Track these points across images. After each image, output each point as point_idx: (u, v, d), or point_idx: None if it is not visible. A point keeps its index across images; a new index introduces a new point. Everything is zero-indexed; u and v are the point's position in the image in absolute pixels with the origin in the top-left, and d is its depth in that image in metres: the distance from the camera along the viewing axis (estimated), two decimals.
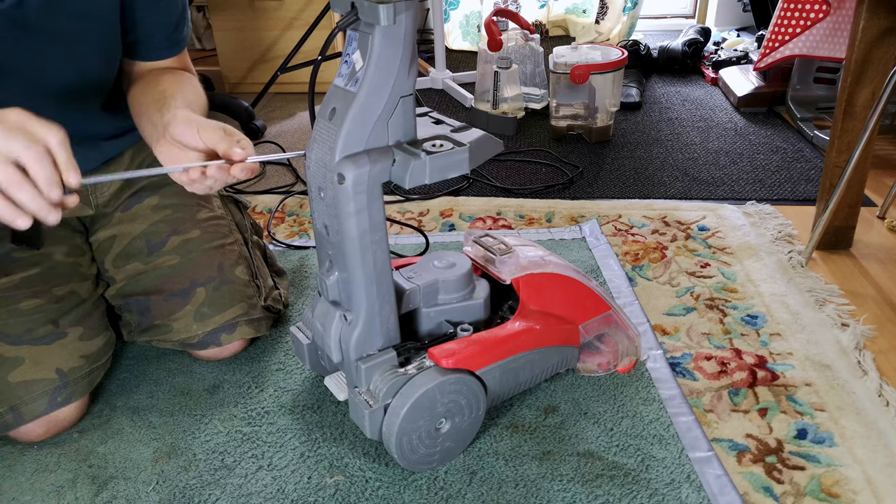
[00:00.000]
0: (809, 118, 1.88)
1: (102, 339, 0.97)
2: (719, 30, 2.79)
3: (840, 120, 1.21)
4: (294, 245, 1.37)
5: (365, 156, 0.72)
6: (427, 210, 1.51)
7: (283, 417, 0.93)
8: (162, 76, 0.99)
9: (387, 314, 0.81)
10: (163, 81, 0.96)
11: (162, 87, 0.94)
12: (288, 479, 0.84)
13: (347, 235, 0.75)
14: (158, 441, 0.90)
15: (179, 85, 0.96)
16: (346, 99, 0.72)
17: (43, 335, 0.90)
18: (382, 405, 0.79)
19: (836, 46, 1.61)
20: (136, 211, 1.04)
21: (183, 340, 1.00)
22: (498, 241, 0.97)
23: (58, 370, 0.89)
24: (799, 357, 1.02)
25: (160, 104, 0.89)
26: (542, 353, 0.90)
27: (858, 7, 1.13)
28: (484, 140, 0.79)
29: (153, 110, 0.89)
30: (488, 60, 1.96)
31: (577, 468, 0.84)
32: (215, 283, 1.00)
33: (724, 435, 0.88)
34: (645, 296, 1.17)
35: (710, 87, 2.28)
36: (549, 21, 2.86)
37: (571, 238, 1.37)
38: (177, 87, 0.95)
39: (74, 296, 0.96)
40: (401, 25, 0.69)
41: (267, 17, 2.24)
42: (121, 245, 1.03)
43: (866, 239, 1.33)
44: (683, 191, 1.57)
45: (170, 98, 0.90)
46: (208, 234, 1.04)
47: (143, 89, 0.96)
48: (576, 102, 1.85)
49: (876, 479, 0.82)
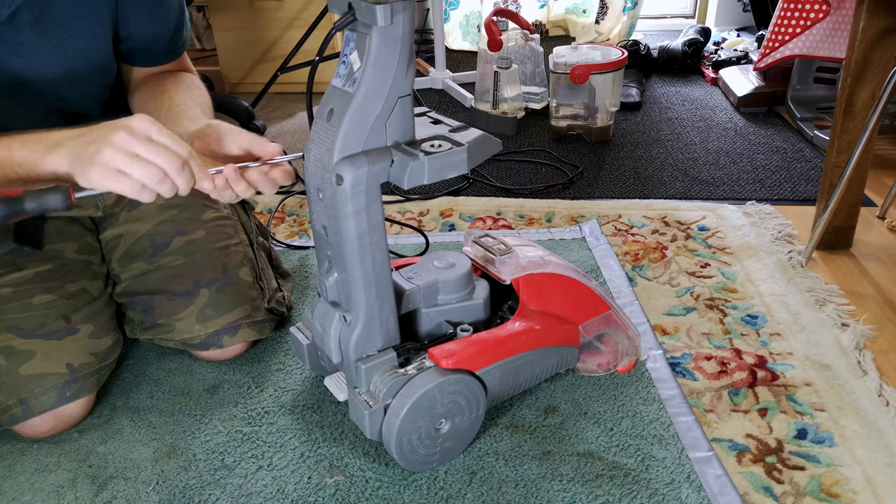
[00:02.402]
0: (809, 118, 1.88)
1: (111, 339, 0.97)
2: (719, 30, 2.79)
3: (840, 120, 1.21)
4: (294, 245, 1.37)
5: (363, 157, 0.72)
6: (427, 210, 1.51)
7: (283, 417, 0.93)
8: (165, 80, 0.99)
9: (386, 315, 0.81)
10: (168, 87, 0.96)
11: (169, 94, 0.94)
12: (288, 480, 0.84)
13: (346, 236, 0.75)
14: (158, 441, 0.90)
15: (186, 90, 0.96)
16: (343, 100, 0.72)
17: (55, 330, 0.91)
18: (382, 406, 0.79)
19: (836, 46, 1.60)
20: (142, 210, 1.04)
21: (185, 341, 1.00)
22: (498, 242, 0.97)
23: (68, 365, 0.90)
24: (799, 357, 1.01)
25: (175, 115, 0.89)
26: (542, 353, 0.90)
27: (858, 7, 1.13)
28: (482, 140, 0.79)
29: (167, 121, 0.88)
30: (488, 60, 1.96)
31: (577, 468, 0.84)
32: (219, 284, 1.00)
33: (724, 435, 0.88)
34: (645, 296, 1.17)
35: (710, 87, 2.28)
36: (549, 21, 2.86)
37: (571, 238, 1.37)
38: (185, 93, 0.94)
39: (86, 293, 0.97)
40: (398, 26, 0.68)
41: (267, 17, 2.24)
42: (126, 244, 1.03)
43: (866, 239, 1.33)
44: (683, 191, 1.57)
45: (182, 106, 0.90)
46: (213, 234, 1.04)
47: (149, 96, 0.96)
48: (576, 102, 1.85)
49: (876, 479, 0.81)
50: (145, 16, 0.94)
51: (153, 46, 1.00)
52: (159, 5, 0.95)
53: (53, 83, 0.91)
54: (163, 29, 0.98)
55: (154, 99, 0.95)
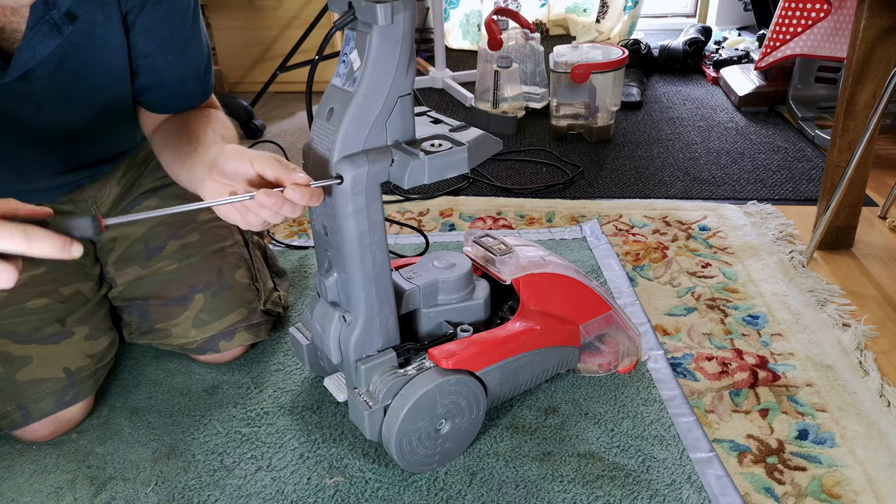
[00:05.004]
0: (811, 117, 1.87)
1: (107, 339, 0.97)
2: (720, 29, 2.79)
3: (841, 119, 1.21)
4: (294, 245, 1.37)
5: (363, 156, 0.72)
6: (427, 210, 1.50)
7: (283, 418, 0.93)
8: (188, 117, 0.93)
9: (386, 315, 0.81)
10: (191, 122, 0.90)
11: (192, 128, 0.88)
12: (287, 480, 0.83)
13: (346, 236, 0.75)
14: (157, 442, 0.90)
15: (211, 124, 0.89)
16: (343, 99, 0.71)
17: (50, 334, 0.90)
18: (382, 406, 0.79)
19: (838, 46, 1.60)
20: (135, 213, 1.03)
21: (182, 345, 1.00)
22: (498, 241, 0.96)
23: (65, 369, 0.90)
24: (800, 357, 1.01)
25: (196, 144, 0.83)
26: (542, 353, 0.90)
27: (859, 6, 1.12)
28: (483, 139, 0.79)
29: (189, 151, 0.83)
30: (488, 59, 1.95)
31: (578, 469, 0.83)
32: (214, 288, 0.99)
33: (725, 435, 0.88)
34: (646, 296, 1.17)
35: (711, 86, 2.28)
36: (549, 20, 2.86)
37: (572, 238, 1.37)
38: (208, 126, 0.88)
39: (80, 295, 0.97)
40: (399, 25, 0.68)
41: (266, 17, 2.23)
42: (121, 247, 1.02)
43: (867, 239, 1.33)
44: (684, 190, 1.57)
45: (203, 136, 0.84)
46: (208, 237, 1.03)
47: (172, 133, 0.90)
48: (576, 102, 1.85)
49: (877, 479, 0.81)
50: (173, 61, 0.90)
51: (184, 90, 0.94)
52: (185, 46, 0.90)
53: (71, 130, 0.89)
54: (191, 70, 0.93)
55: (177, 132, 0.90)
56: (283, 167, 0.69)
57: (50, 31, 0.76)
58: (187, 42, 0.90)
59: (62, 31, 0.77)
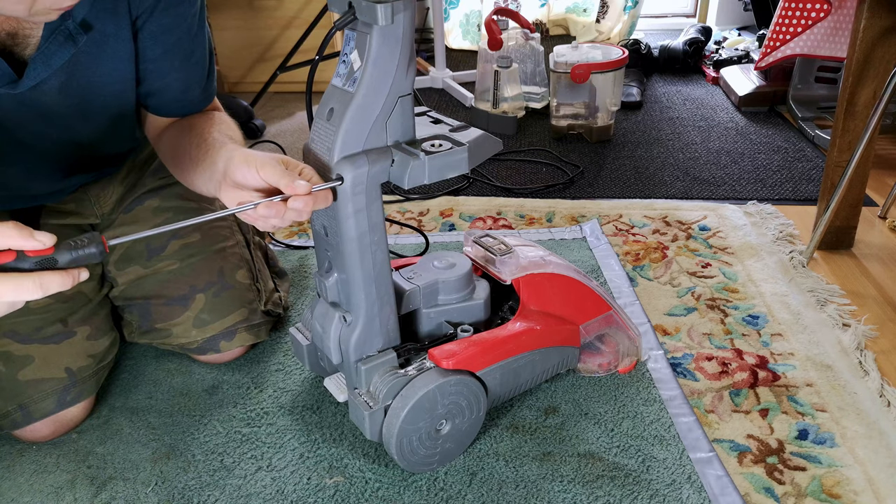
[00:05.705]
0: (811, 117, 1.87)
1: (108, 339, 0.97)
2: (720, 29, 2.79)
3: (841, 119, 1.21)
4: (294, 245, 1.37)
5: (363, 156, 0.72)
6: (427, 210, 1.50)
7: (283, 418, 0.93)
8: (193, 120, 0.93)
9: (386, 315, 0.81)
10: (197, 125, 0.90)
11: (199, 131, 0.88)
12: (287, 480, 0.83)
13: (346, 236, 0.75)
14: (157, 442, 0.90)
15: (217, 125, 0.89)
16: (343, 99, 0.71)
17: (52, 334, 0.90)
18: (382, 406, 0.79)
19: (838, 46, 1.60)
20: (137, 213, 1.03)
21: (182, 345, 1.00)
22: (498, 242, 0.96)
23: (67, 369, 0.90)
24: (800, 357, 1.01)
25: (206, 147, 0.82)
26: (542, 353, 0.90)
27: (859, 6, 1.12)
28: (483, 139, 0.79)
29: (199, 155, 0.82)
30: (488, 59, 1.95)
31: (578, 469, 0.83)
32: (215, 288, 1.00)
33: (725, 435, 0.88)
34: (646, 296, 1.17)
35: (711, 86, 2.28)
36: (549, 20, 2.86)
37: (572, 238, 1.37)
38: (215, 129, 0.88)
39: (81, 295, 0.97)
40: (399, 25, 0.68)
41: (266, 17, 2.23)
42: (122, 247, 1.02)
43: (867, 239, 1.33)
44: (684, 190, 1.57)
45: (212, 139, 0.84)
46: (209, 237, 1.03)
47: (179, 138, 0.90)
48: (576, 102, 1.85)
49: (877, 479, 0.81)
50: (179, 66, 0.90)
51: (189, 95, 0.94)
52: (191, 52, 0.90)
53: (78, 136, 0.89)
54: (196, 75, 0.93)
55: (183, 135, 0.90)
56: (285, 175, 0.69)
57: (65, 41, 0.76)
58: (193, 48, 0.90)
59: (77, 42, 0.77)
